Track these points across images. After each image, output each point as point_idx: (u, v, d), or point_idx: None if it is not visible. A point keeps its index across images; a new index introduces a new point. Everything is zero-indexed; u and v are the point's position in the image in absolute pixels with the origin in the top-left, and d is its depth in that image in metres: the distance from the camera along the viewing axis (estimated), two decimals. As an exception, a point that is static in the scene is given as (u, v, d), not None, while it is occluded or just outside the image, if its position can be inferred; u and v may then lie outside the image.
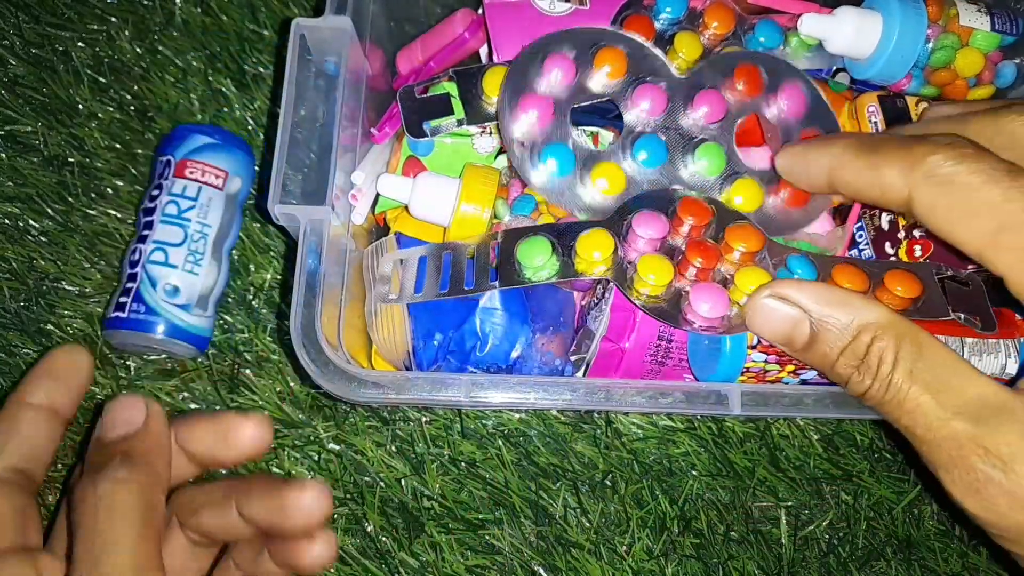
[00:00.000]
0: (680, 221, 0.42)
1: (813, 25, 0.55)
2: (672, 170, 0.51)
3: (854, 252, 0.60)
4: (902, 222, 0.57)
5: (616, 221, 0.42)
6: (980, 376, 0.36)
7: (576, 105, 0.51)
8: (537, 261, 0.40)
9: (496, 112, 0.51)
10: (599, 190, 0.50)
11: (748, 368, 0.47)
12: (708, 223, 0.42)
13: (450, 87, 0.55)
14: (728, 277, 0.42)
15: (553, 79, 0.51)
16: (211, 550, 0.38)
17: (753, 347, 0.47)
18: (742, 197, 0.52)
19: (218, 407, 0.64)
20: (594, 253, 0.40)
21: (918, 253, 0.55)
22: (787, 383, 0.49)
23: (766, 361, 0.47)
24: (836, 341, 0.37)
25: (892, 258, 0.57)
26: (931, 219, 0.37)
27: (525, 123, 0.50)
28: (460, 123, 0.54)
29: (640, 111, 0.51)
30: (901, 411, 0.36)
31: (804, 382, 0.49)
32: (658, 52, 0.52)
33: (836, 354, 0.37)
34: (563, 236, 0.43)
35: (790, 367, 0.48)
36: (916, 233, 0.56)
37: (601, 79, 0.51)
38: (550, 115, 0.50)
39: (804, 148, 0.45)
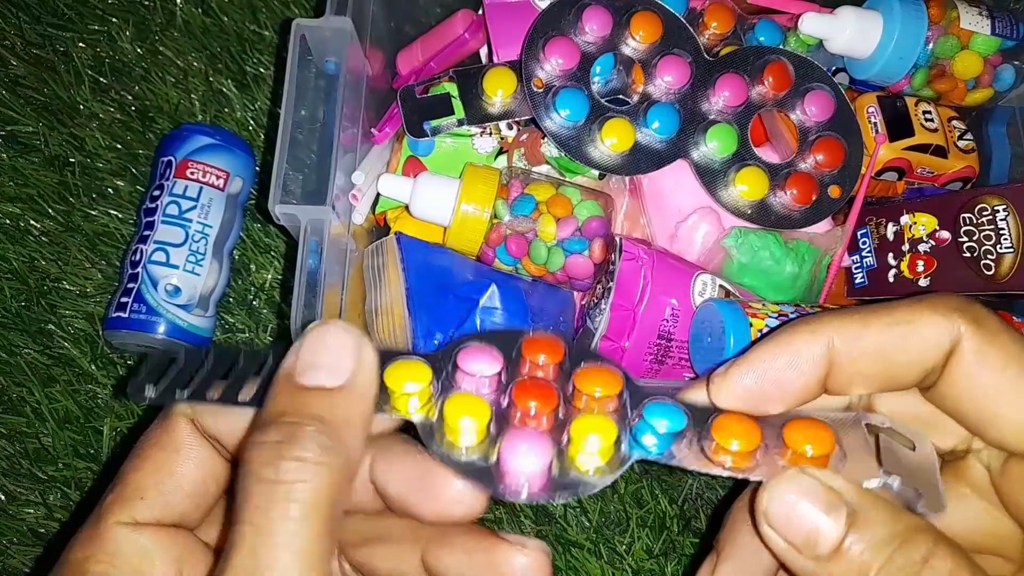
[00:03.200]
0: (524, 361, 0.31)
1: (814, 25, 0.55)
2: (682, 144, 0.52)
3: (856, 257, 0.60)
4: (908, 234, 0.57)
5: (441, 355, 0.30)
6: None
7: (601, 58, 0.52)
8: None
9: (521, 49, 0.52)
10: (608, 145, 0.51)
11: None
12: (559, 362, 0.30)
13: (450, 87, 0.55)
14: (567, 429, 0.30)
15: (587, 30, 0.52)
16: None
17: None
18: (747, 185, 0.52)
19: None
20: (405, 384, 0.29)
21: (920, 268, 0.56)
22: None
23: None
24: (880, 543, 0.25)
25: (894, 271, 0.57)
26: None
27: (549, 65, 0.51)
28: (460, 123, 0.54)
29: (662, 81, 0.52)
30: None
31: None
32: (692, 31, 0.53)
33: (881, 561, 0.25)
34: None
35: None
36: (921, 248, 0.56)
37: (632, 42, 0.52)
38: (575, 63, 0.51)
39: (780, 341, 0.29)
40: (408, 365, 0.29)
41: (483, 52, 0.60)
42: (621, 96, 0.54)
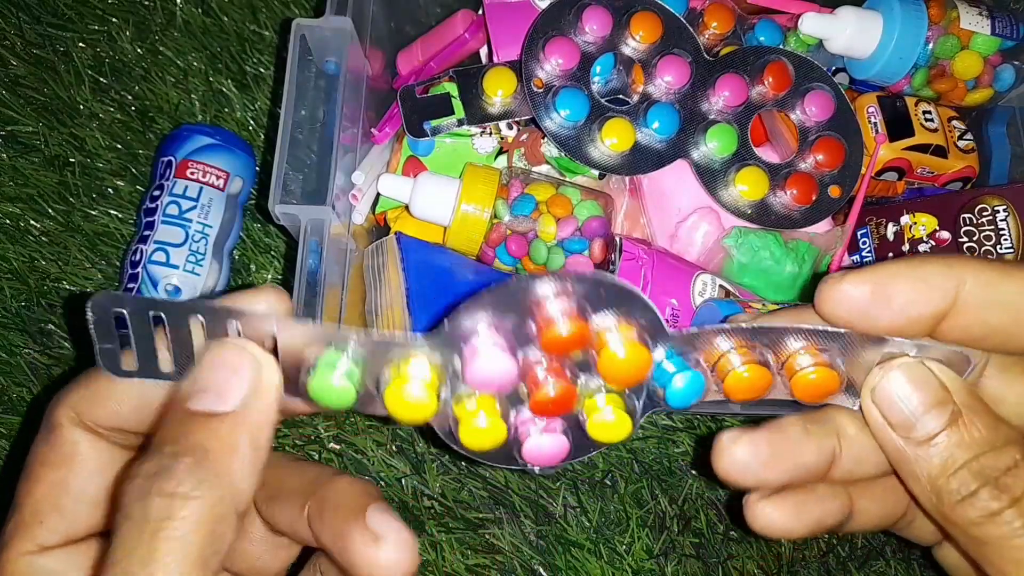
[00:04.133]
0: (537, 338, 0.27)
1: (814, 25, 0.55)
2: (681, 144, 0.52)
3: (855, 257, 0.60)
4: (908, 234, 0.57)
5: (449, 338, 0.27)
6: None
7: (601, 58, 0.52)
8: (333, 379, 0.26)
9: (522, 49, 0.52)
10: (608, 145, 0.51)
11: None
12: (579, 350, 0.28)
13: (451, 87, 0.55)
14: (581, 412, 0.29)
15: (587, 30, 0.52)
16: (296, 546, 0.30)
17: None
18: (747, 185, 0.52)
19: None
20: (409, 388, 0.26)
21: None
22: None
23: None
24: (974, 442, 0.26)
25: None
26: None
27: (549, 65, 0.51)
28: (460, 123, 0.54)
29: (662, 81, 0.52)
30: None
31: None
32: (692, 31, 0.53)
33: (968, 456, 0.26)
34: (375, 352, 0.27)
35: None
36: (921, 248, 0.56)
37: (632, 42, 0.52)
38: (575, 63, 0.51)
39: (908, 262, 0.27)
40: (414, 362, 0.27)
41: (483, 52, 0.60)
42: (621, 96, 0.54)
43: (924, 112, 0.59)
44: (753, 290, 0.55)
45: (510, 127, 0.58)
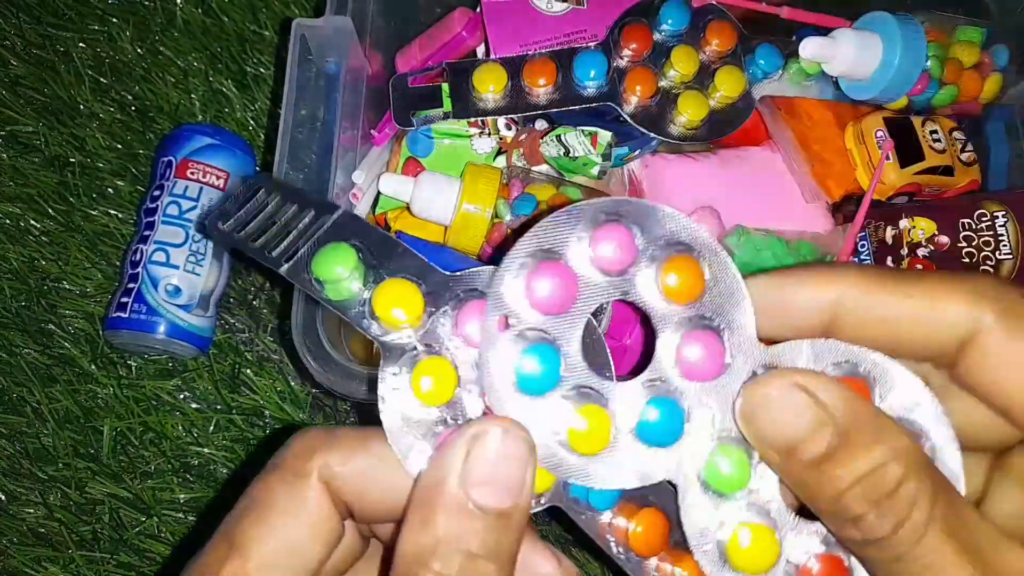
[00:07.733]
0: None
1: (814, 49, 0.53)
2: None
3: (854, 260, 0.60)
4: (907, 238, 0.57)
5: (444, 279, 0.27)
6: (1018, 548, 0.26)
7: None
8: (338, 271, 0.26)
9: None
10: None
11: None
12: None
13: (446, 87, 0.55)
14: None
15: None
16: None
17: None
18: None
19: (219, 407, 0.64)
20: (393, 311, 0.26)
21: (920, 273, 0.55)
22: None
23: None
24: (856, 464, 0.25)
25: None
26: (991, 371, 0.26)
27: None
28: (447, 116, 0.54)
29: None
30: (925, 571, 0.25)
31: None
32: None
33: (851, 480, 0.25)
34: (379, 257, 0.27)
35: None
36: (920, 252, 0.56)
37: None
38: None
39: (793, 271, 0.27)
40: (399, 287, 0.26)
41: (480, 51, 0.60)
42: (611, 104, 0.53)
43: (931, 132, 0.57)
44: (753, 289, 0.55)
45: (508, 127, 0.58)
